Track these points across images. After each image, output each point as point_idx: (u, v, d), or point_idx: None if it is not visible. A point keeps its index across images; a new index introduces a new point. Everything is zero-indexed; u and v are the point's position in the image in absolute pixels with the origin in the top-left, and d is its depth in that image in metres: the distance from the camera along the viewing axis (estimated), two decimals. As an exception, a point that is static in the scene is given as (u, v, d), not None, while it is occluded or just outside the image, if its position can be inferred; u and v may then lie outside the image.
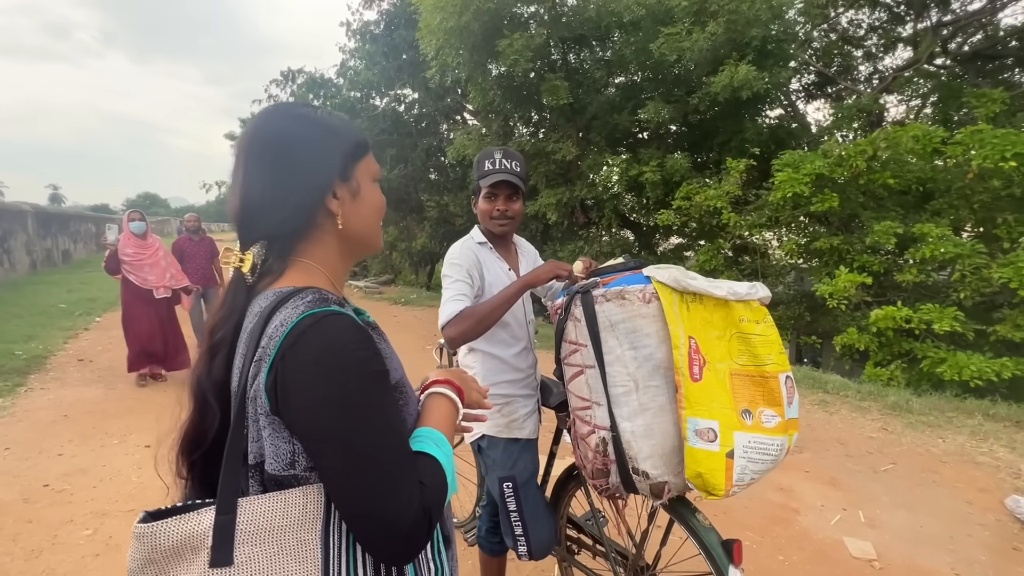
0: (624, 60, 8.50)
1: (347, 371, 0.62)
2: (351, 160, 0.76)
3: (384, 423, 0.65)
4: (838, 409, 4.13)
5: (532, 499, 1.64)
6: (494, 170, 1.60)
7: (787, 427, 1.23)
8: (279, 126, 0.73)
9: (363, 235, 0.79)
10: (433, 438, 0.74)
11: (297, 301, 0.67)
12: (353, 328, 0.65)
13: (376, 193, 0.80)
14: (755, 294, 1.26)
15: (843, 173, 6.00)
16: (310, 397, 0.61)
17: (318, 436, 0.62)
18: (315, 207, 0.73)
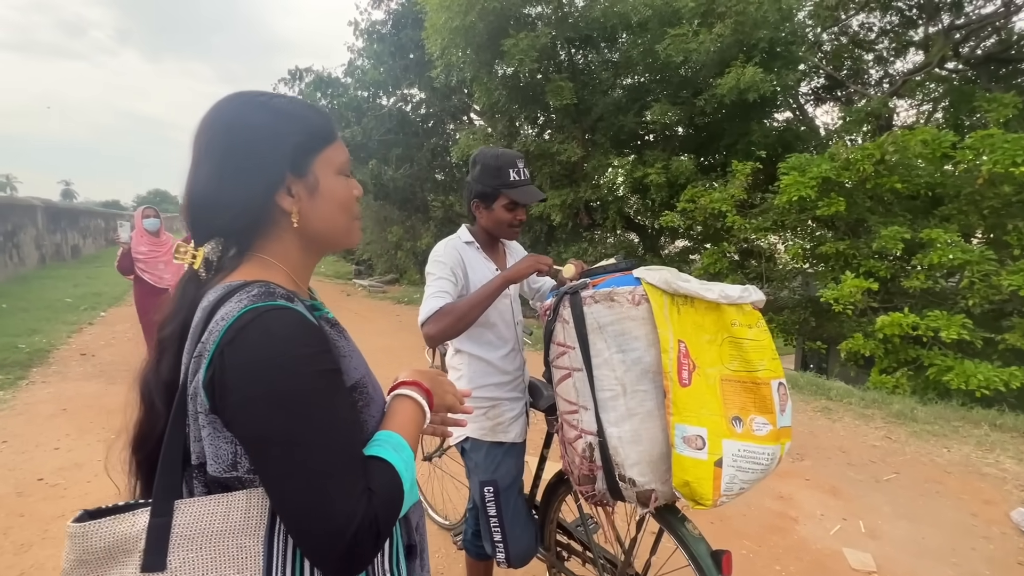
0: (630, 61, 8.47)
1: (287, 368, 0.59)
2: (307, 152, 0.70)
3: (326, 424, 0.61)
4: (841, 416, 4.06)
5: (513, 505, 1.61)
6: (520, 181, 1.57)
7: (779, 435, 1.19)
8: (231, 115, 0.69)
9: (326, 234, 0.74)
10: (392, 442, 0.70)
11: (242, 295, 0.64)
12: (298, 323, 0.62)
13: (341, 187, 0.74)
14: (748, 297, 1.22)
15: (850, 177, 5.93)
16: (247, 395, 0.58)
17: (254, 437, 0.59)
18: (266, 205, 0.69)
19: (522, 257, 1.84)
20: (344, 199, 0.75)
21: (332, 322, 0.75)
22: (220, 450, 0.61)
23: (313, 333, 0.63)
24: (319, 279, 15.48)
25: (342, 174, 0.75)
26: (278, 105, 0.71)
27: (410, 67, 10.89)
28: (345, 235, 0.77)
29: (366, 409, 0.73)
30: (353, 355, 0.74)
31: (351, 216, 0.77)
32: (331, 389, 0.63)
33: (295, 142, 0.69)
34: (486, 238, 1.68)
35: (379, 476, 0.65)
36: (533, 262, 1.48)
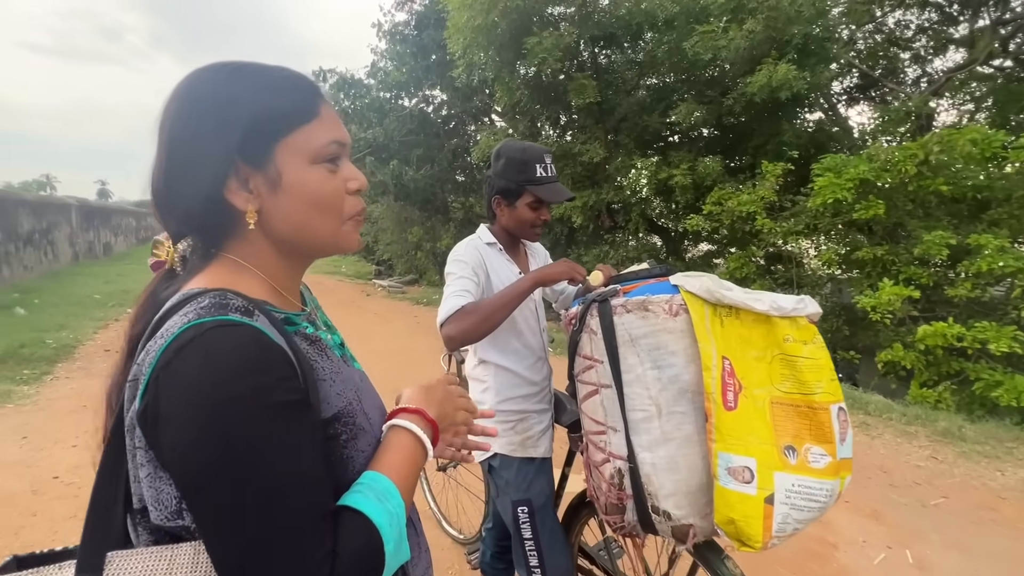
0: (656, 60, 8.26)
1: (228, 402, 0.48)
2: (264, 137, 0.57)
3: (277, 473, 0.49)
4: (881, 433, 3.82)
5: (550, 525, 1.49)
6: (547, 178, 1.45)
7: (839, 469, 1.04)
8: (185, 90, 0.58)
9: (298, 238, 0.61)
10: (377, 488, 0.57)
11: (190, 307, 0.53)
12: (249, 343, 0.51)
13: (313, 182, 0.59)
14: (803, 309, 1.07)
15: (890, 179, 5.63)
16: (179, 436, 0.48)
17: (187, 484, 0.49)
18: (217, 202, 0.57)
19: (549, 261, 1.71)
20: (319, 195, 0.59)
21: (312, 338, 0.63)
22: (162, 494, 0.51)
23: (269, 356, 0.52)
24: (339, 279, 15.61)
25: (323, 162, 0.60)
26: (241, 76, 0.58)
27: (432, 68, 10.87)
28: (328, 239, 0.62)
29: (352, 443, 0.61)
30: (336, 378, 0.62)
31: (336, 216, 0.62)
32: (288, 427, 0.51)
33: (247, 124, 0.56)
34: (507, 239, 1.56)
35: (350, 535, 0.53)
36: (568, 268, 1.35)
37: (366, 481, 0.58)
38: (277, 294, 0.63)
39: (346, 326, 0.76)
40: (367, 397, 0.68)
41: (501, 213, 1.52)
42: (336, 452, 0.59)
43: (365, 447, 0.63)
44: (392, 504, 0.57)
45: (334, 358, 0.65)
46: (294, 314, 0.64)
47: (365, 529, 0.53)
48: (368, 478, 0.58)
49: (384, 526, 0.54)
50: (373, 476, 0.59)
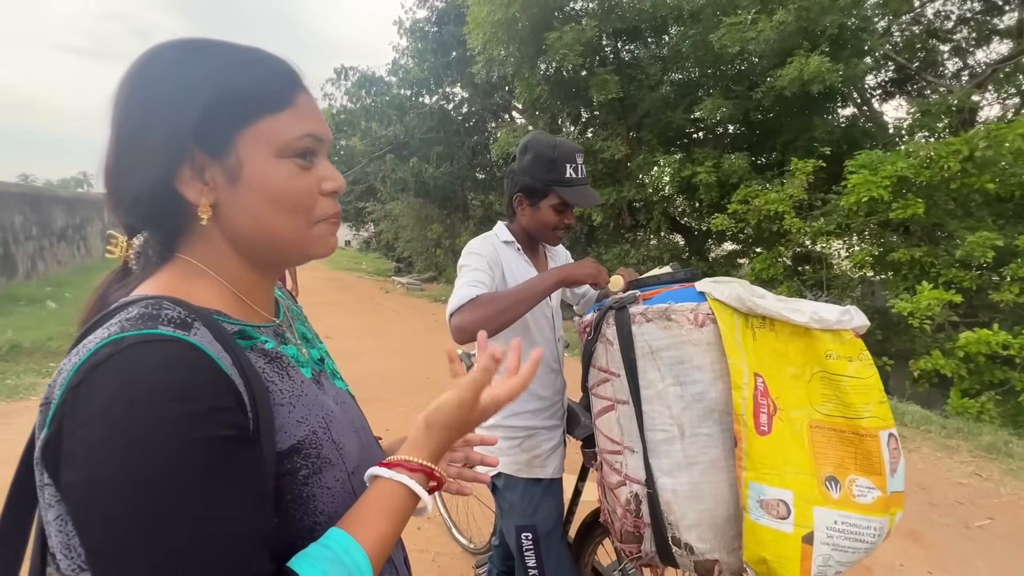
0: (681, 55, 8.03)
1: (141, 435, 0.40)
2: (225, 123, 0.50)
3: (196, 526, 0.41)
4: (919, 446, 3.60)
5: (556, 554, 1.37)
6: (576, 179, 1.33)
7: (888, 504, 0.91)
8: (140, 66, 0.51)
9: (256, 237, 0.53)
10: (343, 562, 0.47)
11: (116, 317, 0.45)
12: (177, 365, 0.43)
13: (277, 177, 0.51)
14: (848, 322, 0.95)
15: (930, 176, 5.33)
16: (80, 470, 0.40)
17: (85, 535, 0.41)
18: (167, 193, 0.50)
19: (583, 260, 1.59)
20: (284, 192, 0.52)
21: (271, 355, 0.54)
22: (73, 539, 0.42)
23: (202, 379, 0.43)
24: (359, 276, 15.75)
25: (292, 156, 0.52)
26: (206, 53, 0.51)
27: (452, 64, 10.83)
28: (294, 243, 0.54)
29: (315, 479, 0.52)
30: (298, 402, 0.53)
31: (304, 217, 0.54)
32: (217, 469, 0.42)
33: (206, 106, 0.49)
34: (526, 239, 1.44)
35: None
36: (594, 269, 1.23)
37: (336, 549, 0.47)
38: (239, 302, 0.55)
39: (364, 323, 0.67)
40: (339, 423, 0.58)
41: (522, 212, 1.40)
42: (294, 490, 0.50)
43: (331, 483, 0.53)
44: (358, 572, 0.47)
45: (297, 378, 0.56)
46: (253, 326, 0.55)
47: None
48: (340, 545, 0.48)
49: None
50: (347, 545, 0.48)
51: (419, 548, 2.42)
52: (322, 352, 0.65)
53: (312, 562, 0.46)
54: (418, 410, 0.58)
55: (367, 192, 17.16)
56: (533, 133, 1.44)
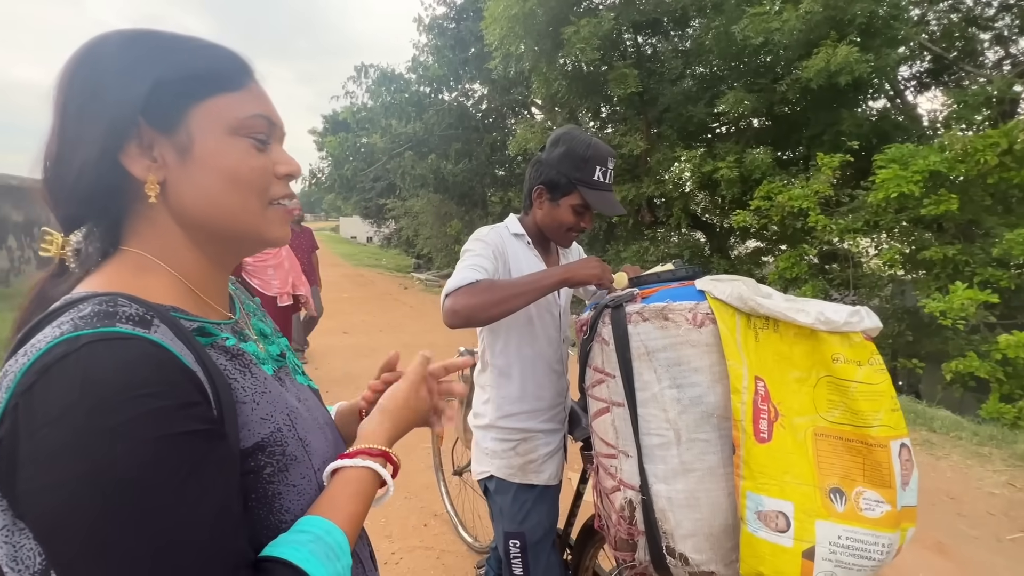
0: (703, 48, 7.85)
1: (108, 433, 0.38)
2: (177, 98, 0.49)
3: (174, 521, 0.40)
4: (948, 453, 3.44)
5: (544, 564, 1.33)
6: (603, 184, 1.27)
7: (899, 519, 0.85)
8: (85, 47, 0.49)
9: (208, 217, 0.52)
10: (326, 542, 0.48)
11: (67, 315, 0.43)
12: (142, 361, 0.41)
13: (231, 153, 0.51)
14: (857, 323, 0.89)
15: (966, 170, 5.09)
16: (41, 475, 0.38)
17: (53, 542, 0.39)
18: (110, 168, 0.48)
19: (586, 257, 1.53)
20: (238, 168, 0.51)
21: (233, 352, 0.53)
22: (21, 551, 0.41)
23: (167, 376, 0.42)
24: (379, 272, 15.93)
25: (245, 135, 0.52)
26: (158, 36, 0.50)
27: (470, 61, 10.82)
28: (248, 223, 0.54)
29: (281, 476, 0.51)
30: (261, 399, 0.52)
31: (258, 197, 0.53)
32: (191, 464, 0.41)
33: (156, 80, 0.48)
34: (538, 235, 1.37)
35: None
36: (600, 270, 1.16)
37: (315, 531, 0.49)
38: (194, 297, 0.53)
39: (381, 319, 0.68)
40: (304, 420, 0.57)
41: (539, 205, 1.34)
42: (258, 489, 0.50)
43: (297, 480, 0.53)
44: (341, 564, 0.49)
45: (260, 375, 0.55)
46: (212, 322, 0.53)
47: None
48: (318, 527, 0.49)
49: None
50: (325, 526, 0.50)
51: (425, 545, 2.42)
52: (282, 347, 0.63)
53: (294, 547, 0.47)
54: None
55: (388, 189, 17.31)
56: (568, 127, 1.37)
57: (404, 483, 2.94)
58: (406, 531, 2.52)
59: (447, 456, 2.55)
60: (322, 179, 15.15)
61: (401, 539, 2.45)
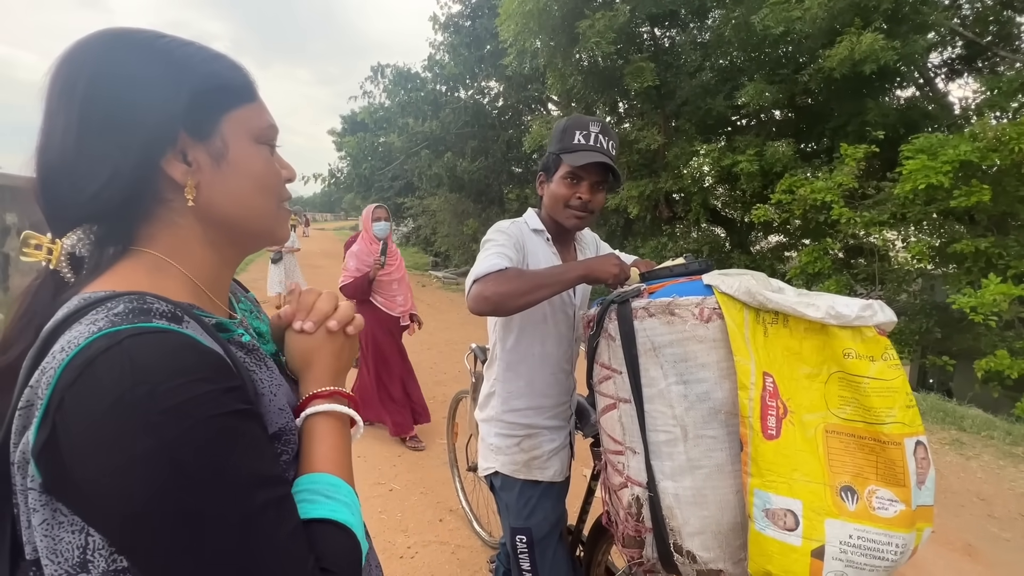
0: (722, 39, 7.69)
1: (166, 413, 0.40)
2: (212, 109, 0.52)
3: (243, 489, 0.43)
4: (978, 453, 3.33)
5: (551, 560, 1.33)
6: (587, 146, 1.24)
7: (914, 519, 0.83)
8: (90, 60, 0.49)
9: (238, 217, 0.55)
10: (340, 494, 0.52)
11: (100, 313, 0.44)
12: (184, 350, 0.43)
13: (258, 158, 0.56)
14: (870, 318, 0.87)
15: (999, 160, 4.88)
16: (102, 462, 0.39)
17: (125, 524, 0.40)
18: (148, 174, 0.50)
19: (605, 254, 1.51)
20: (264, 174, 0.56)
21: (249, 347, 0.55)
22: (60, 543, 0.42)
23: (211, 363, 0.45)
24: (398, 270, 16.03)
25: (263, 143, 0.57)
26: (162, 46, 0.51)
27: (485, 58, 10.82)
28: (270, 222, 0.58)
29: (295, 464, 0.54)
30: (278, 392, 0.54)
31: (277, 198, 0.58)
32: (249, 437, 0.45)
33: (194, 91, 0.51)
34: (555, 228, 1.36)
35: (334, 547, 0.49)
36: (618, 269, 1.13)
37: (319, 485, 0.52)
38: (204, 297, 0.55)
39: None
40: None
41: (542, 192, 1.35)
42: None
43: None
44: (345, 495, 0.53)
45: (274, 369, 0.57)
46: (226, 320, 0.55)
47: (345, 538, 0.50)
48: (320, 481, 0.53)
49: (357, 528, 0.52)
50: (325, 480, 0.53)
51: (440, 540, 2.44)
52: (274, 348, 0.64)
53: (311, 504, 0.50)
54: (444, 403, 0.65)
55: (406, 188, 17.46)
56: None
57: (420, 479, 2.98)
58: (422, 526, 2.55)
59: (461, 452, 2.57)
60: (341, 178, 15.36)
61: (417, 534, 2.48)
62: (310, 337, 0.60)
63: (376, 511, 2.65)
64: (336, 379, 0.61)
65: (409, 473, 3.05)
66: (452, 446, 2.69)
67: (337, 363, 0.61)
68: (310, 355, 0.60)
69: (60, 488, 0.41)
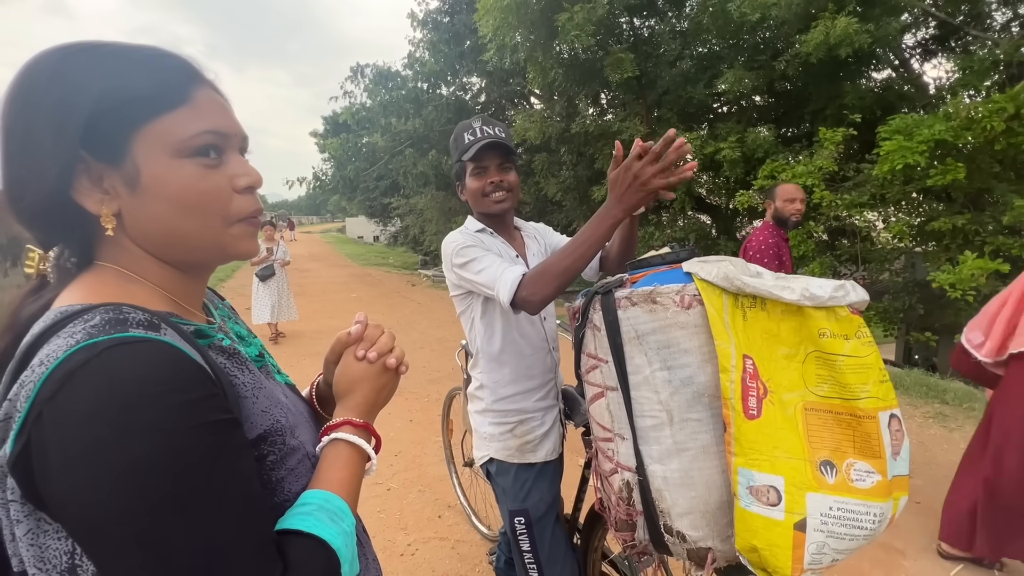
0: (700, 27, 7.74)
1: (141, 428, 0.41)
2: (117, 126, 0.48)
3: (211, 502, 0.44)
4: (960, 425, 3.42)
5: (550, 538, 1.38)
6: (476, 140, 1.32)
7: (890, 488, 0.86)
8: (24, 72, 0.48)
9: (167, 244, 0.52)
10: (327, 508, 0.54)
11: (77, 325, 0.45)
12: (162, 360, 0.44)
13: (179, 177, 0.50)
14: (843, 298, 0.90)
15: (972, 138, 4.99)
16: (78, 474, 0.40)
17: (97, 535, 0.41)
18: (67, 203, 0.49)
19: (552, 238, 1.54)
20: (187, 193, 0.50)
21: (229, 351, 0.56)
22: (47, 551, 0.43)
23: (189, 372, 0.45)
24: (386, 270, 16.00)
25: (192, 156, 0.51)
26: (88, 56, 0.49)
27: (466, 54, 10.77)
28: (209, 245, 0.54)
29: (281, 464, 0.55)
30: (259, 394, 0.55)
31: (216, 217, 0.53)
32: (220, 450, 0.45)
33: (91, 111, 0.47)
34: (492, 222, 1.42)
35: (305, 559, 0.49)
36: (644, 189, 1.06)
37: (316, 501, 0.54)
38: (176, 306, 0.55)
39: (389, 316, 0.69)
40: (293, 412, 0.61)
41: (464, 198, 1.43)
42: (263, 475, 0.54)
43: (295, 465, 0.57)
44: (346, 524, 0.54)
45: (255, 372, 0.58)
46: (204, 326, 0.56)
47: (323, 554, 0.50)
48: (318, 497, 0.54)
49: (341, 548, 0.52)
50: (324, 496, 0.55)
51: (440, 536, 2.47)
52: (259, 348, 0.66)
53: (301, 517, 0.52)
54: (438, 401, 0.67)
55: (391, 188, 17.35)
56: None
57: (418, 477, 2.99)
58: (421, 523, 2.57)
59: (457, 449, 2.59)
60: (326, 181, 15.22)
61: (416, 531, 2.50)
62: (366, 367, 0.64)
63: (375, 510, 2.67)
64: (371, 412, 0.64)
65: (406, 471, 3.06)
66: (448, 443, 2.71)
67: (377, 397, 0.65)
68: (358, 383, 0.64)
69: (38, 498, 0.42)
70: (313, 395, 0.76)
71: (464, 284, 1.32)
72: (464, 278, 1.29)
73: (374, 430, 0.64)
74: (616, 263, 1.39)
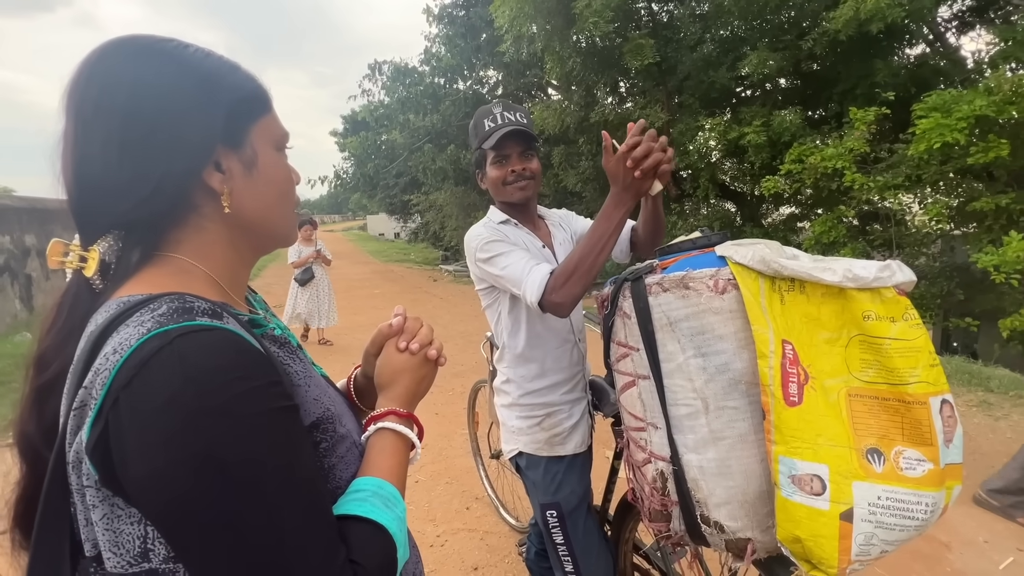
0: (721, 10, 7.52)
1: (215, 413, 0.42)
2: (243, 119, 0.55)
3: (286, 486, 0.45)
4: (1007, 413, 3.27)
5: (583, 529, 1.36)
6: (497, 126, 1.29)
7: (943, 477, 0.82)
8: (125, 72, 0.50)
9: (262, 222, 0.58)
10: (382, 495, 0.55)
11: (145, 315, 0.46)
12: (230, 348, 0.45)
13: (280, 165, 0.59)
14: (888, 279, 0.85)
15: (1017, 112, 4.73)
16: (159, 460, 0.41)
17: (175, 518, 0.42)
18: (188, 185, 0.52)
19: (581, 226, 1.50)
20: (282, 180, 0.60)
21: (281, 340, 0.57)
22: (122, 536, 0.44)
23: (252, 360, 0.46)
24: (408, 266, 16.16)
25: (282, 150, 0.61)
26: (193, 58, 0.53)
27: (482, 47, 10.73)
28: (287, 226, 0.62)
29: (333, 451, 0.56)
30: (311, 383, 0.56)
31: (293, 203, 0.62)
32: (287, 434, 0.47)
33: (229, 106, 0.54)
34: (515, 212, 1.39)
35: (366, 543, 0.51)
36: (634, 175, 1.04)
37: (370, 488, 0.55)
38: (228, 297, 0.57)
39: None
40: (336, 402, 0.62)
41: (485, 187, 1.40)
42: (317, 462, 0.55)
43: (344, 453, 0.58)
44: (399, 510, 0.56)
45: (304, 361, 0.60)
46: (256, 316, 0.58)
47: (379, 536, 0.52)
48: (372, 484, 0.56)
49: (396, 533, 0.53)
50: (377, 483, 0.56)
51: (468, 527, 2.48)
52: (296, 341, 0.66)
53: (358, 503, 0.53)
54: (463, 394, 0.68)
55: (411, 184, 17.47)
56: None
57: (445, 469, 3.02)
58: (449, 514, 2.59)
59: (484, 441, 2.60)
60: (346, 179, 15.41)
61: (445, 522, 2.52)
62: (408, 358, 0.66)
63: (404, 502, 2.70)
64: (412, 402, 0.66)
65: (433, 464, 3.09)
66: (474, 435, 2.72)
67: (418, 388, 0.67)
68: (400, 374, 0.66)
69: (115, 483, 0.43)
70: (350, 387, 0.77)
71: (488, 279, 1.31)
72: (489, 273, 1.27)
73: (417, 419, 0.65)
74: (647, 244, 1.36)
